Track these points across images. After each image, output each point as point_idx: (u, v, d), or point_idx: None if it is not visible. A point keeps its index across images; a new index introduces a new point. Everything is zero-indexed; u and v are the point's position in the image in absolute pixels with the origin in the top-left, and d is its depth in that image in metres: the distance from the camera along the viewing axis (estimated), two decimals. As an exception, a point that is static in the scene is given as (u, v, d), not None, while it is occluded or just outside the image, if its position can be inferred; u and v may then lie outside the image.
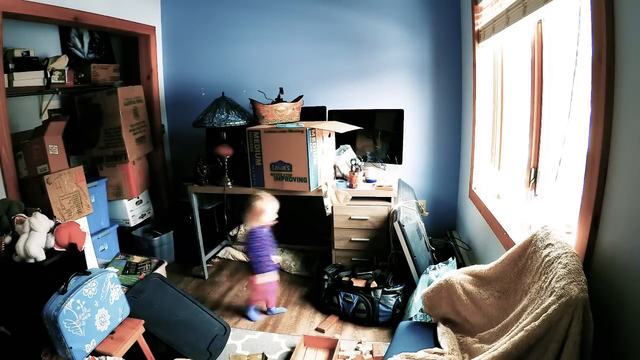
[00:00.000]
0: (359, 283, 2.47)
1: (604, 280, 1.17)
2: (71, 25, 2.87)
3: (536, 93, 1.80)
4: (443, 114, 3.19)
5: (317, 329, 2.41)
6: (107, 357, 1.79)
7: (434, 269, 2.38)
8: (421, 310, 2.17)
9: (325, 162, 2.83)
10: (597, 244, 1.21)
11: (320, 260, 3.11)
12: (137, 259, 2.67)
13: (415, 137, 3.25)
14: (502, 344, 1.19)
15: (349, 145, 3.07)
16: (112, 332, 1.90)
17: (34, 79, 2.59)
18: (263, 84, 3.23)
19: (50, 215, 2.10)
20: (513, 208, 2.07)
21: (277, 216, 2.48)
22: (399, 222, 2.45)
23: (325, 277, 2.61)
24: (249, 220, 2.46)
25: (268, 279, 2.45)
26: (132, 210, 3.20)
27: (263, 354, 2.14)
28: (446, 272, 2.05)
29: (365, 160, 3.13)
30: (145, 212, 3.34)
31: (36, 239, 1.83)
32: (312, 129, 2.60)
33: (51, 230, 1.93)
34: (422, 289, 2.19)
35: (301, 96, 2.94)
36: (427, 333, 1.69)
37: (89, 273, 1.83)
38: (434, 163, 3.29)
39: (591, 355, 1.08)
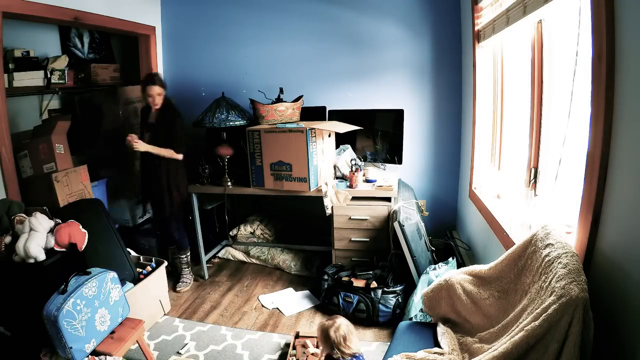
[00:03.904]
0: (359, 283, 2.47)
1: (604, 280, 1.17)
2: (71, 25, 2.87)
3: (536, 93, 1.80)
4: (443, 114, 3.19)
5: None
6: (107, 357, 1.79)
7: (434, 269, 2.38)
8: (421, 310, 2.17)
9: (325, 162, 2.83)
10: (597, 244, 1.21)
11: (320, 260, 3.11)
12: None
13: (415, 137, 3.25)
14: (502, 344, 1.19)
15: (349, 145, 3.07)
16: (112, 332, 1.90)
17: (34, 79, 2.59)
18: (263, 84, 3.23)
19: (56, 214, 2.10)
20: (513, 208, 2.07)
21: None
22: (399, 222, 2.45)
23: (325, 277, 2.61)
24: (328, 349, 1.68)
25: None
26: (132, 210, 3.20)
27: None
28: (446, 272, 2.05)
29: (365, 160, 3.13)
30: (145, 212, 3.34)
31: (36, 239, 1.83)
32: (312, 129, 2.60)
33: (51, 230, 1.93)
34: (422, 289, 2.19)
35: (301, 96, 2.94)
36: (427, 333, 1.69)
37: (89, 273, 1.83)
38: (434, 163, 3.29)
39: (591, 355, 1.08)
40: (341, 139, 3.06)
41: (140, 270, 2.50)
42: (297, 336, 2.28)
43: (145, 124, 2.73)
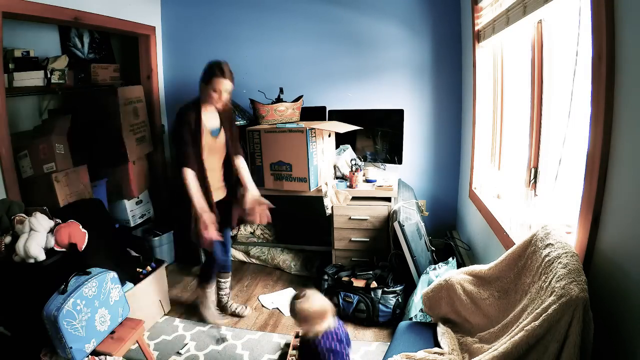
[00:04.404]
0: (359, 283, 2.47)
1: (604, 279, 1.17)
2: (71, 25, 2.87)
3: (536, 93, 1.80)
4: (443, 114, 3.19)
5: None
6: (107, 357, 1.79)
7: (434, 269, 2.38)
8: (421, 310, 2.17)
9: (325, 162, 2.83)
10: (597, 244, 1.22)
11: (320, 260, 3.11)
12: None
13: (415, 137, 3.25)
14: (502, 344, 1.19)
15: (349, 145, 3.08)
16: (112, 332, 1.90)
17: (34, 79, 2.59)
18: (263, 84, 3.23)
19: (56, 214, 2.10)
20: (513, 208, 2.07)
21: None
22: (399, 222, 2.45)
23: (325, 277, 2.61)
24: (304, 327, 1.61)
25: None
26: (132, 210, 3.20)
27: None
28: (446, 272, 2.05)
29: (365, 160, 3.13)
30: (145, 212, 3.35)
31: (36, 239, 1.83)
32: (312, 129, 2.60)
33: (51, 230, 1.93)
34: (422, 289, 2.19)
35: (301, 96, 2.95)
36: (427, 333, 1.69)
37: (89, 273, 1.83)
38: (434, 163, 3.29)
39: (591, 355, 1.08)
40: (341, 139, 3.06)
41: (140, 270, 2.50)
42: (297, 336, 2.28)
43: (199, 130, 2.14)
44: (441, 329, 1.64)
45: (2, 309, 1.87)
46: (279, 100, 2.86)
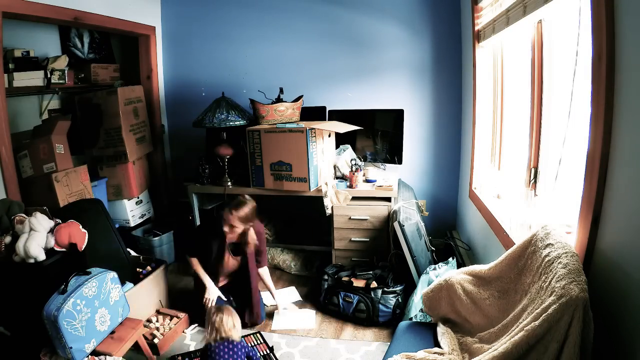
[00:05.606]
0: (359, 283, 2.47)
1: (604, 280, 1.17)
2: (71, 25, 2.87)
3: (536, 93, 1.80)
4: (443, 114, 3.19)
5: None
6: (107, 357, 1.79)
7: (434, 269, 2.38)
8: (421, 310, 2.17)
9: (325, 162, 2.83)
10: (597, 244, 1.22)
11: (320, 260, 3.10)
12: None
13: (415, 137, 3.25)
14: (503, 344, 1.19)
15: (349, 145, 3.07)
16: (112, 332, 1.90)
17: (34, 79, 2.59)
18: (263, 84, 3.23)
19: (56, 214, 2.10)
20: (513, 208, 2.07)
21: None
22: (399, 222, 2.45)
23: (325, 277, 2.61)
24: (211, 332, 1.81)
25: None
26: (132, 210, 3.20)
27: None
28: (446, 272, 2.05)
29: (365, 160, 3.13)
30: (145, 212, 3.35)
31: (36, 239, 1.83)
32: (312, 129, 2.60)
33: (51, 230, 1.93)
34: (422, 289, 2.19)
35: (301, 96, 2.95)
36: (427, 333, 1.69)
37: (89, 273, 1.83)
38: (434, 163, 3.29)
39: (591, 355, 1.08)
40: (341, 139, 3.06)
41: (140, 270, 2.50)
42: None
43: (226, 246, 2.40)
44: (441, 329, 1.64)
45: (2, 309, 1.87)
46: (279, 100, 2.86)
